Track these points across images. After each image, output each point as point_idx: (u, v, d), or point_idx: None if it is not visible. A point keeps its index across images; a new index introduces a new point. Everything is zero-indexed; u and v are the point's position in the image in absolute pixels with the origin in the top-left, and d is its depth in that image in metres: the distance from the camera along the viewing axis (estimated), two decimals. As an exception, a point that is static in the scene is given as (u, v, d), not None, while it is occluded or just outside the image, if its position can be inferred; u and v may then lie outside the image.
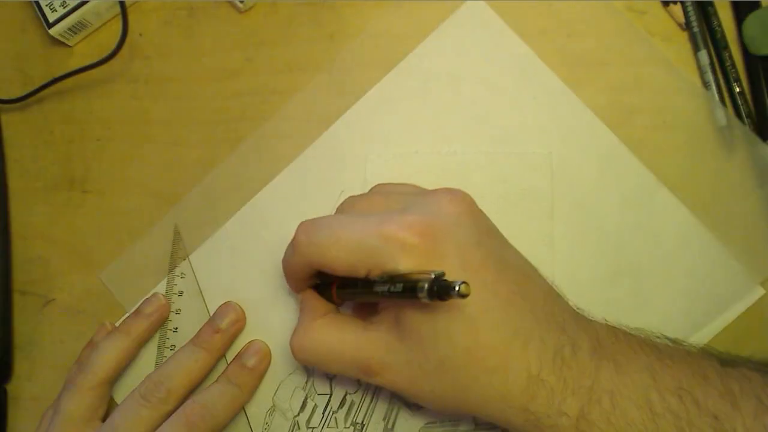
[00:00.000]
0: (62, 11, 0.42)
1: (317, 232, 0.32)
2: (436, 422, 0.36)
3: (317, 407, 0.38)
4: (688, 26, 0.38)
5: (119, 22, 0.41)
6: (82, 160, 0.43)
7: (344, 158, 0.40)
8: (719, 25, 0.38)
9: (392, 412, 0.37)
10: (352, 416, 0.37)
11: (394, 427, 0.37)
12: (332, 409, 0.37)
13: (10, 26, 0.45)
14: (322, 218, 0.33)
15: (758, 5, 0.37)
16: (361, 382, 0.37)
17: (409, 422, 0.37)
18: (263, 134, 0.41)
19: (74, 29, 0.43)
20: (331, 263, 0.31)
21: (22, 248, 0.43)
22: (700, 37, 0.38)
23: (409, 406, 0.37)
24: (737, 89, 0.37)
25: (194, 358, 0.37)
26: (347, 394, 0.37)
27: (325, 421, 0.37)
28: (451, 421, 0.36)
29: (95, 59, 0.41)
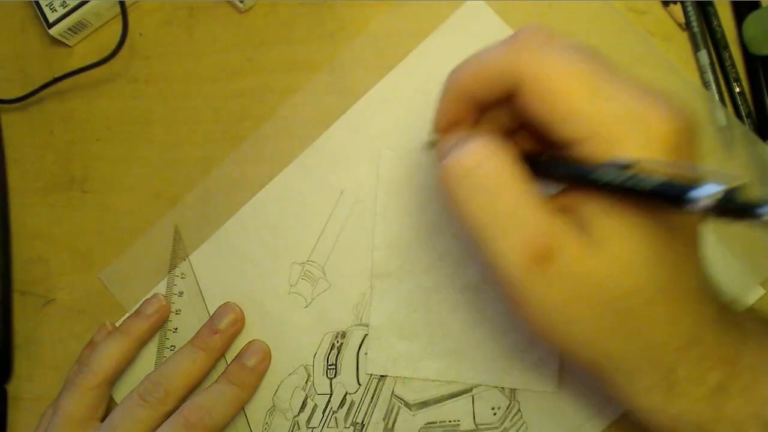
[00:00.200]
0: (62, 11, 0.42)
1: (564, 46, 0.25)
2: (436, 422, 0.36)
3: (317, 407, 0.38)
4: (688, 26, 0.38)
5: (119, 22, 0.41)
6: (82, 160, 0.43)
7: (344, 158, 0.40)
8: (719, 25, 0.38)
9: (392, 412, 0.37)
10: (352, 416, 0.37)
11: (394, 427, 0.37)
12: (332, 409, 0.37)
13: (10, 26, 0.45)
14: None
15: (758, 5, 0.37)
16: (361, 381, 0.37)
17: (409, 422, 0.37)
18: (263, 134, 0.41)
19: (74, 29, 0.43)
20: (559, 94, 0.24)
21: (22, 248, 0.43)
22: (700, 37, 0.38)
23: (409, 406, 0.37)
24: (737, 89, 0.37)
25: (193, 358, 0.37)
26: (347, 394, 0.37)
27: (325, 421, 0.37)
28: (451, 421, 0.36)
29: (95, 59, 0.41)
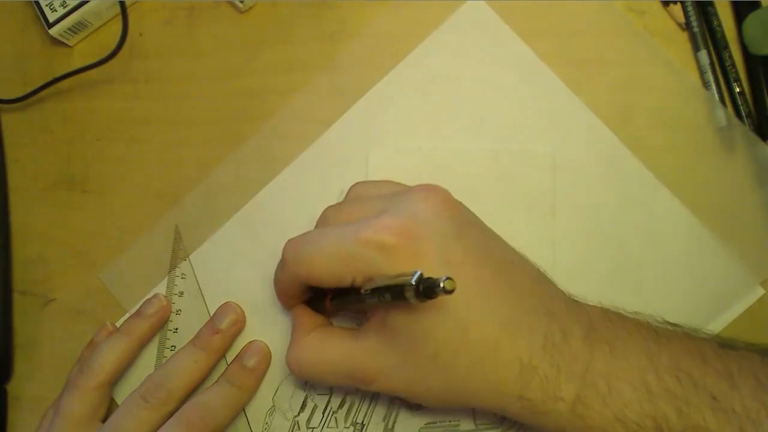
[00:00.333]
0: (62, 11, 0.42)
1: (302, 247, 0.32)
2: (436, 422, 0.36)
3: (317, 407, 0.38)
4: (688, 26, 0.38)
5: (119, 22, 0.41)
6: (82, 160, 0.43)
7: (344, 158, 0.40)
8: (719, 25, 0.38)
9: (392, 412, 0.37)
10: (352, 416, 0.37)
11: (394, 427, 0.37)
12: (332, 409, 0.37)
13: (10, 26, 0.45)
14: (305, 234, 0.33)
15: (758, 5, 0.37)
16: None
17: (409, 422, 0.37)
18: (263, 134, 0.41)
19: (74, 29, 0.43)
20: (318, 276, 0.32)
21: (22, 248, 0.43)
22: (700, 37, 0.38)
23: (409, 406, 0.37)
24: (737, 89, 0.37)
25: (194, 359, 0.37)
26: (347, 394, 0.37)
27: (325, 421, 0.37)
28: (451, 421, 0.36)
29: (95, 59, 0.41)
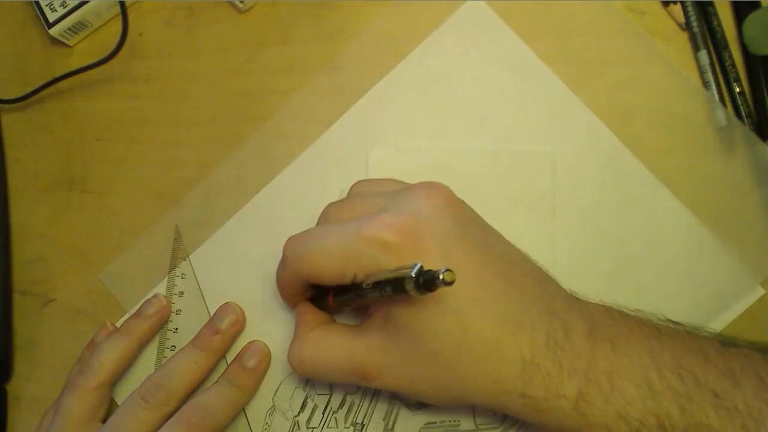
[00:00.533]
0: (62, 11, 0.42)
1: (303, 245, 0.32)
2: (436, 422, 0.36)
3: (317, 407, 0.38)
4: (688, 26, 0.38)
5: (119, 22, 0.41)
6: (82, 160, 0.43)
7: (344, 158, 0.40)
8: (719, 25, 0.38)
9: (392, 412, 0.37)
10: (352, 416, 0.37)
11: (394, 427, 0.37)
12: (332, 409, 0.37)
13: (10, 26, 0.45)
14: (307, 231, 0.33)
15: (758, 5, 0.37)
16: (361, 382, 0.38)
17: (409, 422, 0.37)
18: (263, 134, 0.41)
19: (74, 29, 0.43)
20: (319, 274, 0.31)
21: (22, 248, 0.43)
22: (700, 37, 0.38)
23: (409, 406, 0.37)
24: (737, 89, 0.37)
25: (194, 359, 0.37)
26: (347, 394, 0.37)
27: (325, 421, 0.37)
28: (451, 421, 0.36)
29: (95, 59, 0.41)
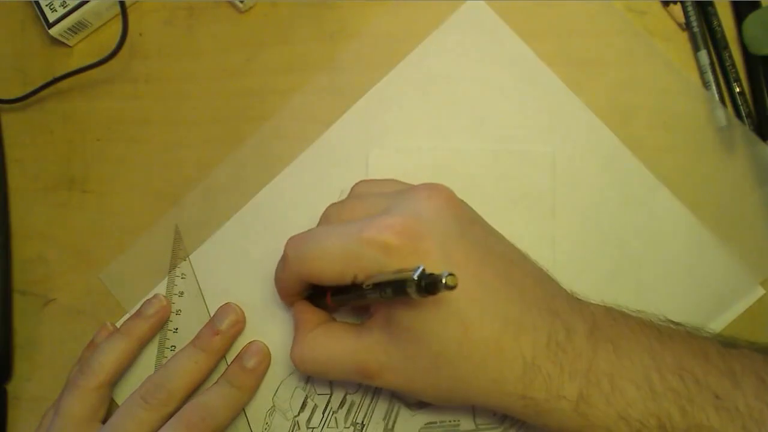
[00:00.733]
0: (62, 11, 0.42)
1: (305, 245, 0.32)
2: (436, 422, 0.36)
3: (317, 407, 0.38)
4: (688, 26, 0.38)
5: (119, 22, 0.41)
6: (82, 160, 0.43)
7: (344, 158, 0.40)
8: (719, 25, 0.38)
9: (392, 412, 0.37)
10: (352, 416, 0.37)
11: (394, 427, 0.37)
12: (332, 409, 0.37)
13: (10, 26, 0.45)
14: (307, 232, 0.33)
15: (758, 5, 0.37)
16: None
17: (409, 422, 0.37)
18: (263, 134, 0.41)
19: (74, 29, 0.43)
20: (319, 274, 0.32)
21: (22, 248, 0.43)
22: (700, 37, 0.38)
23: (409, 405, 0.37)
24: (737, 89, 0.37)
25: (194, 359, 0.37)
26: (347, 394, 0.37)
27: (325, 421, 0.37)
28: (451, 421, 0.36)
29: (95, 59, 0.41)
